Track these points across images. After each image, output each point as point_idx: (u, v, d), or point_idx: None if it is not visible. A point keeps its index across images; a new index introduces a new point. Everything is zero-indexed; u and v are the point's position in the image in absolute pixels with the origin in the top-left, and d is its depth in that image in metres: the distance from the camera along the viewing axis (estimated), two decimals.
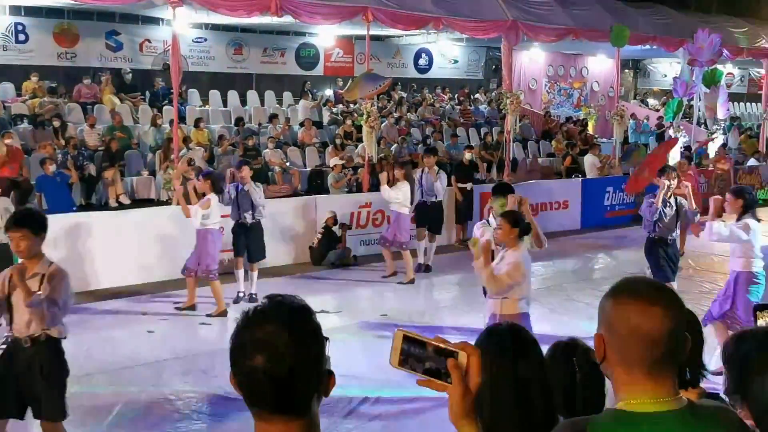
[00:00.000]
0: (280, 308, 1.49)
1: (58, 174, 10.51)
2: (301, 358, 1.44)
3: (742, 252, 6.54)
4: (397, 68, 19.87)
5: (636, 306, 1.57)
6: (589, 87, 22.11)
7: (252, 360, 1.43)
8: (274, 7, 11.26)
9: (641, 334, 1.55)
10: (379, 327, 7.83)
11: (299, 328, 1.46)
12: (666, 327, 1.55)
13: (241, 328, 1.48)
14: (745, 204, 6.51)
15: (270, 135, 14.42)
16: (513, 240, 5.26)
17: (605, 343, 1.61)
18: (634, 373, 1.58)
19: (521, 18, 14.21)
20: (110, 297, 9.10)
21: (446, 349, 1.49)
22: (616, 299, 1.62)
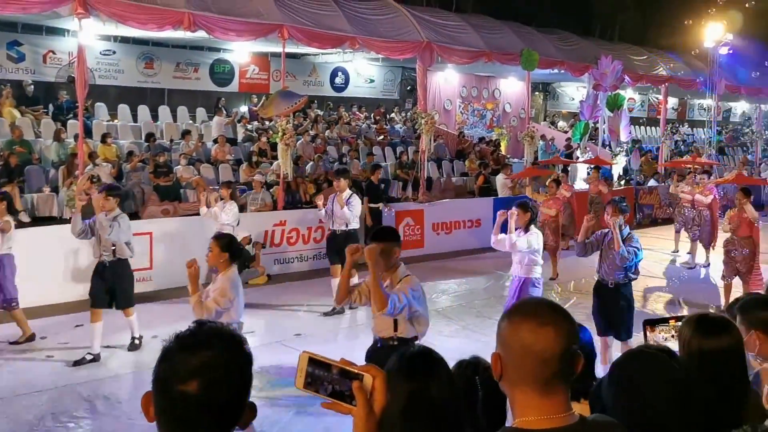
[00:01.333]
0: (216, 335, 1.49)
1: None
2: (235, 387, 1.45)
3: (529, 260, 7.10)
4: (313, 86, 19.86)
5: (528, 326, 1.61)
6: (501, 108, 22.75)
7: (186, 385, 1.40)
8: (187, 22, 11.06)
9: (534, 354, 1.58)
10: (293, 347, 7.73)
11: (235, 357, 1.47)
12: (558, 346, 1.58)
13: (173, 353, 1.44)
14: (532, 217, 7.09)
15: (182, 151, 14.08)
16: (223, 264, 5.16)
17: (502, 362, 1.64)
18: (528, 391, 1.61)
19: (435, 40, 14.50)
20: (7, 320, 8.59)
21: (351, 371, 1.49)
22: (510, 319, 1.65)
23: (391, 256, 4.56)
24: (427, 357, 2.24)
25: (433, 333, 6.94)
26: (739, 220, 9.82)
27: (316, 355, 1.51)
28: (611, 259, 6.68)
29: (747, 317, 2.74)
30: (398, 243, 4.69)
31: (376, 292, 4.31)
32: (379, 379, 1.48)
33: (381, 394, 1.48)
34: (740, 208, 9.85)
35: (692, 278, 12.27)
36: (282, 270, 11.69)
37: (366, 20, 13.92)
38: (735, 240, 9.88)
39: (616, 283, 6.78)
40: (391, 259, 4.57)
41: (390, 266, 4.61)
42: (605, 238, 6.84)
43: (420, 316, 4.59)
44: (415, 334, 4.57)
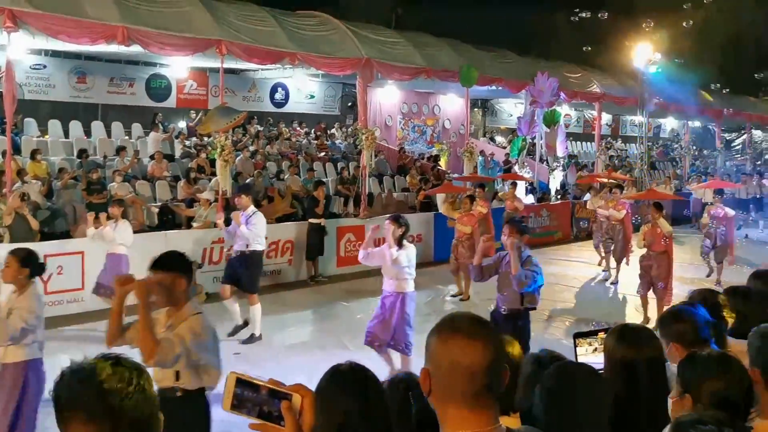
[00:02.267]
0: (136, 368, 1.54)
1: None
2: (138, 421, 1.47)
3: (405, 275, 6.85)
4: (253, 102, 19.70)
5: (457, 341, 1.62)
6: (441, 124, 23.02)
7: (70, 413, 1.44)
8: (122, 36, 10.84)
9: (462, 368, 1.59)
10: (233, 367, 7.55)
11: (148, 390, 1.52)
12: (486, 360, 1.60)
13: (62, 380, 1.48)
14: (405, 231, 6.83)
15: (117, 168, 13.73)
16: (23, 280, 4.74)
17: (430, 378, 1.65)
18: (457, 405, 1.62)
19: (375, 56, 14.59)
20: None
21: (280, 391, 1.48)
22: (438, 335, 1.66)
23: (173, 290, 3.72)
24: (359, 374, 2.22)
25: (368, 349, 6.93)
26: (653, 235, 9.87)
27: (243, 375, 1.50)
28: (509, 284, 6.03)
29: (664, 331, 2.84)
30: (184, 273, 3.80)
31: (145, 336, 3.50)
32: (307, 398, 1.48)
33: (310, 413, 1.47)
34: (654, 223, 9.92)
35: (598, 294, 12.35)
36: (220, 288, 11.45)
37: (306, 36, 13.90)
38: (650, 255, 9.96)
39: (510, 310, 6.15)
40: (173, 293, 3.73)
41: (173, 302, 3.76)
42: (503, 261, 6.19)
43: (207, 365, 3.75)
44: (201, 386, 3.76)
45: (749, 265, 12.36)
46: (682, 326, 2.80)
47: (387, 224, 6.80)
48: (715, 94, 28.14)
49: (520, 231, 6.05)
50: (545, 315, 10.25)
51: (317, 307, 10.75)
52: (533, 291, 5.96)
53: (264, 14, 13.56)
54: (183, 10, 12.04)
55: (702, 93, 27.19)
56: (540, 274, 5.96)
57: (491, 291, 10.25)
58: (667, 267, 9.89)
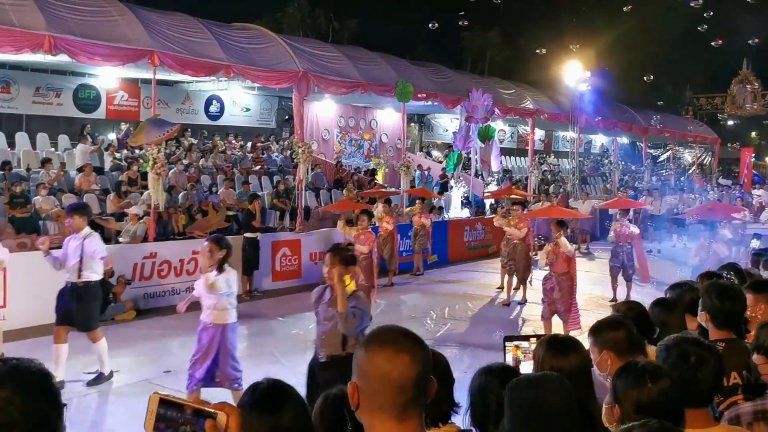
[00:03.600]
0: (16, 372, 1.41)
1: None
2: (36, 426, 1.37)
3: (225, 304, 6.01)
4: (187, 114, 19.37)
5: (385, 354, 1.63)
6: (379, 138, 23.14)
7: None
8: (48, 45, 10.53)
9: (390, 381, 1.60)
10: (163, 385, 7.35)
11: (36, 395, 1.39)
12: (413, 372, 1.61)
13: None
14: (227, 254, 5.99)
15: (41, 181, 13.23)
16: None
17: (359, 391, 1.65)
18: (385, 418, 1.62)
19: (312, 70, 14.57)
20: None
21: (204, 410, 1.46)
22: (366, 348, 1.67)
23: None
24: (279, 390, 2.19)
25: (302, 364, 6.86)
26: (555, 254, 9.29)
27: (167, 395, 1.47)
28: (329, 325, 4.94)
29: (598, 338, 2.88)
30: None
31: None
32: (233, 416, 1.46)
33: (235, 431, 1.45)
34: (555, 241, 9.34)
35: (506, 317, 11.41)
36: (152, 304, 11.17)
37: (241, 48, 13.78)
38: (552, 276, 9.40)
39: (331, 356, 4.93)
40: None
41: None
42: (322, 298, 5.08)
43: None
44: None
45: (658, 283, 12.10)
46: (616, 334, 2.85)
47: (205, 245, 5.97)
48: (642, 112, 29.25)
49: (345, 261, 4.84)
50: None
51: (252, 322, 10.57)
52: (359, 333, 4.76)
53: (198, 26, 13.39)
54: (113, 19, 11.79)
55: (628, 110, 28.24)
56: (366, 313, 4.93)
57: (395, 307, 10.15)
58: (569, 289, 9.32)
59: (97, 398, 6.98)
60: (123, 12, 12.07)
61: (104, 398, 7.03)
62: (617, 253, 12.49)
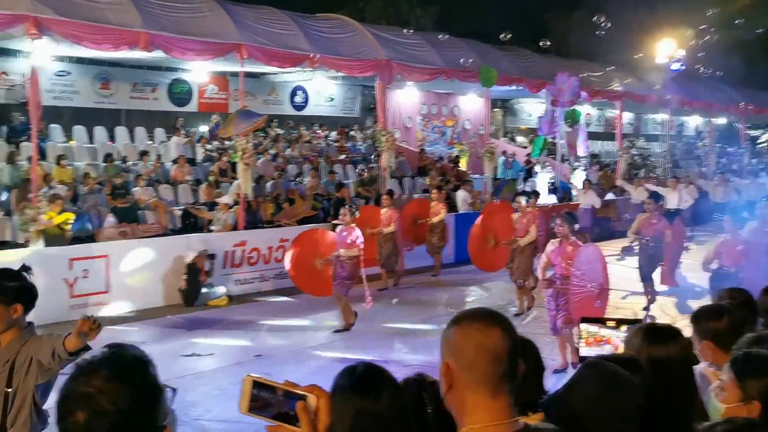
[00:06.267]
0: (112, 360, 1.44)
1: None
2: (126, 414, 1.38)
3: None
4: (273, 105, 19.80)
5: (478, 327, 1.69)
6: (461, 125, 22.96)
7: (73, 416, 1.36)
8: (144, 41, 10.98)
9: (486, 351, 1.65)
10: (253, 368, 7.62)
11: (128, 383, 1.41)
12: (506, 345, 1.67)
13: (68, 380, 1.41)
14: None
15: (140, 172, 13.89)
16: None
17: (452, 370, 1.68)
18: (480, 391, 1.66)
19: (395, 57, 14.62)
20: None
21: (295, 392, 1.50)
22: (458, 325, 1.72)
23: None
24: (376, 374, 2.21)
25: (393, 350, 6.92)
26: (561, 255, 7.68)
27: (259, 377, 1.52)
28: None
29: (698, 328, 2.78)
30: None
31: None
32: (323, 399, 1.49)
33: (325, 414, 1.49)
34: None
35: None
36: (243, 291, 11.56)
37: (325, 39, 13.97)
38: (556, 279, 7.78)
39: None
40: None
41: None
42: None
43: None
44: None
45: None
46: (717, 324, 2.75)
47: None
48: (740, 91, 27.76)
49: None
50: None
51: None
52: None
53: (284, 17, 13.65)
54: (204, 15, 12.17)
55: (727, 89, 26.86)
56: None
57: None
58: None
59: (194, 380, 7.30)
60: (213, 7, 12.45)
61: (199, 380, 7.35)
62: (644, 250, 10.59)
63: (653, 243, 10.39)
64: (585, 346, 2.96)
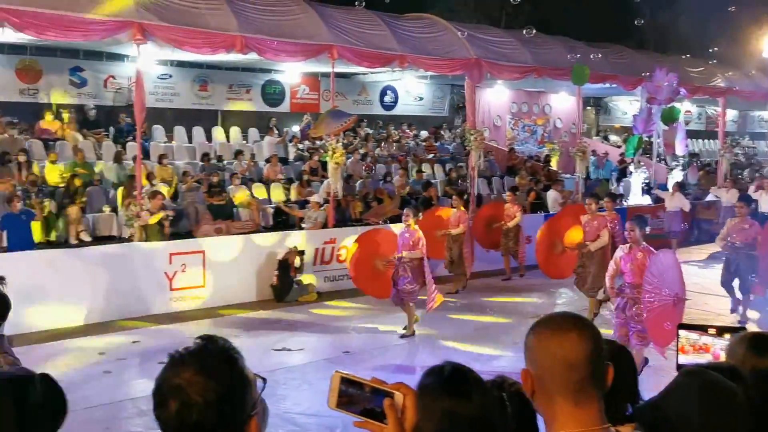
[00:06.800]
0: (202, 353, 1.48)
1: (24, 212, 10.33)
2: (214, 405, 1.43)
3: None
4: (363, 105, 20.04)
5: (552, 333, 1.65)
6: (552, 124, 22.52)
7: (166, 405, 1.43)
8: (239, 44, 11.35)
9: (560, 360, 1.61)
10: (341, 365, 7.76)
11: (215, 376, 1.45)
12: (583, 351, 1.61)
13: (162, 371, 1.47)
14: None
15: (235, 171, 14.38)
16: None
17: (532, 377, 1.66)
18: (561, 401, 1.62)
19: (484, 56, 14.50)
20: (69, 335, 8.92)
21: (382, 389, 1.52)
22: (535, 333, 1.69)
23: None
24: (464, 374, 2.21)
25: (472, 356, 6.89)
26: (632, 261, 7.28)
27: (348, 374, 1.55)
28: None
29: None
30: None
31: None
32: (409, 397, 1.51)
33: (412, 411, 1.50)
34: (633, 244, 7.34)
35: None
36: (332, 287, 11.78)
37: (415, 38, 14.02)
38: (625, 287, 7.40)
39: None
40: None
41: None
42: None
43: None
44: None
45: None
46: None
47: None
48: None
49: None
50: None
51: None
52: None
53: (374, 18, 13.79)
54: (296, 17, 12.47)
55: None
56: None
57: None
58: None
59: (284, 374, 7.51)
60: (305, 9, 12.74)
61: (289, 375, 7.55)
62: (732, 259, 9.99)
63: (745, 249, 9.77)
64: (682, 354, 2.85)
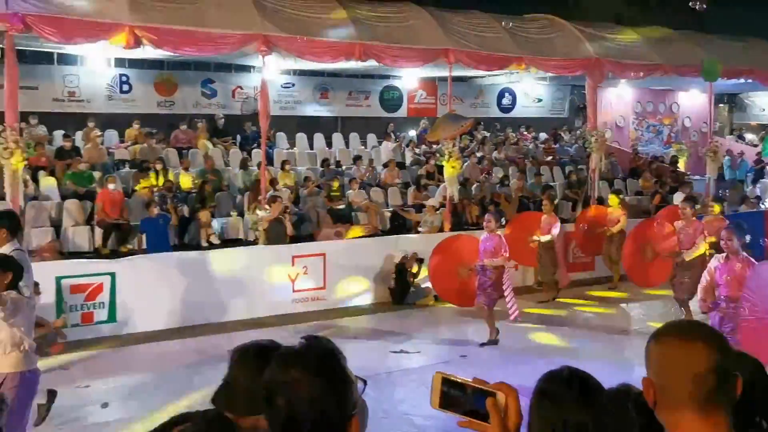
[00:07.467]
0: (308, 352, 1.57)
1: (161, 216, 11.09)
2: (318, 403, 1.51)
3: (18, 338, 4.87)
4: (480, 108, 19.93)
5: (676, 342, 1.58)
6: (680, 123, 21.44)
7: (275, 401, 1.52)
8: (358, 52, 11.61)
9: (686, 369, 1.54)
10: (458, 368, 7.77)
11: (321, 375, 1.53)
12: (709, 362, 1.53)
13: (269, 369, 1.57)
14: (14, 277, 4.80)
15: (354, 176, 14.71)
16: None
17: (654, 387, 1.60)
18: (687, 413, 1.55)
19: (606, 55, 14.03)
20: (198, 333, 9.46)
21: (484, 389, 1.53)
22: (657, 340, 1.62)
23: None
24: (586, 381, 2.17)
25: (597, 363, 6.70)
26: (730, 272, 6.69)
27: (449, 375, 1.56)
28: None
29: None
30: None
31: None
32: (511, 397, 1.51)
33: (514, 411, 1.50)
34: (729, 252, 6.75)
35: None
36: None
37: (532, 39, 13.79)
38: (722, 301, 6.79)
39: None
40: None
41: None
42: None
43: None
44: None
45: None
46: None
47: None
48: None
49: None
50: None
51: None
52: None
53: (490, 21, 13.69)
54: (413, 23, 12.59)
55: None
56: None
57: None
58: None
59: (402, 376, 7.61)
60: (421, 15, 12.83)
61: (408, 376, 7.64)
62: None
63: None
64: None
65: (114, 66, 15.52)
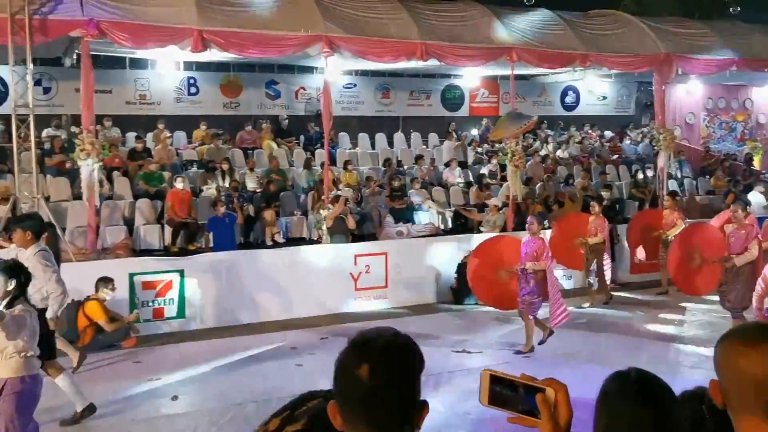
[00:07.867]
0: (383, 336, 1.61)
1: (227, 215, 11.38)
2: (396, 386, 1.55)
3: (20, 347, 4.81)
4: (543, 106, 19.65)
5: (740, 347, 1.52)
6: (755, 119, 20.62)
7: (358, 369, 1.54)
8: (420, 52, 11.65)
9: (748, 377, 1.49)
10: (520, 368, 7.69)
11: (399, 357, 1.59)
12: None
13: (344, 353, 1.60)
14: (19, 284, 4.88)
15: (415, 176, 14.73)
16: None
17: (721, 391, 1.57)
18: (753, 419, 1.50)
19: (675, 51, 13.66)
20: (264, 330, 9.67)
21: (533, 385, 1.53)
22: (723, 344, 1.57)
23: None
24: (651, 383, 2.15)
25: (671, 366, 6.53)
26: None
27: (497, 372, 1.57)
28: None
29: None
30: None
31: None
32: (561, 392, 1.50)
33: (564, 407, 1.50)
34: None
35: None
36: None
37: (597, 36, 13.55)
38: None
39: None
40: None
41: None
42: None
43: None
44: None
45: None
46: None
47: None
48: None
49: None
50: None
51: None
52: None
53: (554, 18, 13.51)
54: (474, 22, 12.55)
55: None
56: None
57: None
58: None
59: (464, 376, 7.59)
60: (483, 13, 12.77)
61: (470, 377, 7.62)
62: None
63: None
64: None
65: (182, 69, 16.00)
